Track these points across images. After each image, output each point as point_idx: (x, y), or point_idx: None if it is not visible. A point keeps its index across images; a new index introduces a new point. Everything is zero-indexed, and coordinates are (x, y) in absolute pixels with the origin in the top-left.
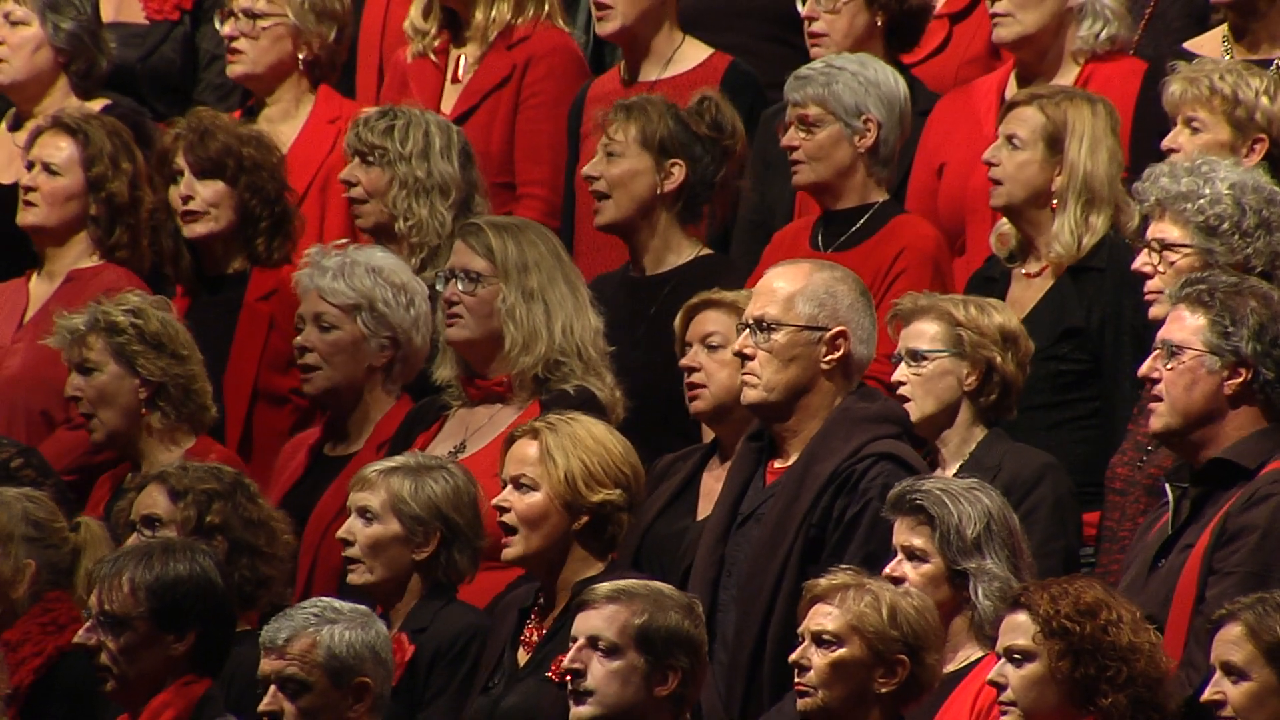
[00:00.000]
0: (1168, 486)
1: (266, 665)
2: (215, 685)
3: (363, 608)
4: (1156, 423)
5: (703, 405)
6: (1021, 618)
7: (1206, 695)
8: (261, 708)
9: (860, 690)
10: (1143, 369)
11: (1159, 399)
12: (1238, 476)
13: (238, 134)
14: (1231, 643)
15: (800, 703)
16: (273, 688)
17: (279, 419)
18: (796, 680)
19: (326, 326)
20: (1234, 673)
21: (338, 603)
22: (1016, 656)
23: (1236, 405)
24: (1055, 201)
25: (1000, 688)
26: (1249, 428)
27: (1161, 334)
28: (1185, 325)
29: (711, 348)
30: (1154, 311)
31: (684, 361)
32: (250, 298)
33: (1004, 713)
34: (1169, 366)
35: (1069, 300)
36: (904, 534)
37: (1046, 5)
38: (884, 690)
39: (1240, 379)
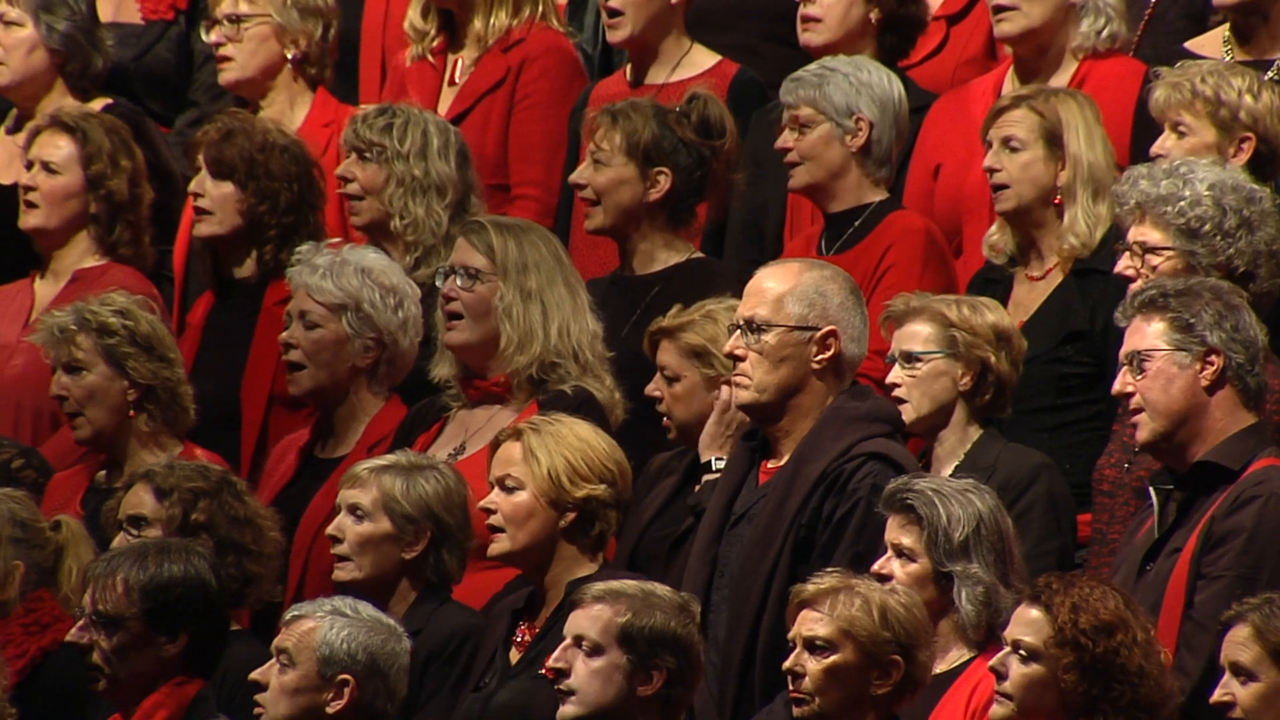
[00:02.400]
0: (1151, 490)
1: (275, 640)
2: (208, 686)
3: (390, 622)
4: (1143, 433)
5: (672, 434)
6: (1036, 614)
7: (1216, 697)
8: (253, 675)
9: (856, 694)
10: (1115, 387)
11: (1138, 410)
12: (1222, 478)
13: (264, 141)
14: (1239, 644)
15: (796, 710)
16: (272, 660)
17: (294, 423)
18: (791, 688)
19: (311, 324)
20: (1242, 673)
21: (367, 607)
22: (1023, 653)
23: (1214, 393)
24: (1059, 197)
25: (1000, 676)
26: (1230, 419)
27: (1124, 350)
28: (1145, 333)
29: (667, 380)
30: None
31: (648, 390)
32: (269, 302)
33: (999, 702)
34: (1140, 377)
35: (1073, 303)
36: (894, 531)
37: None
38: (880, 692)
39: (1214, 367)
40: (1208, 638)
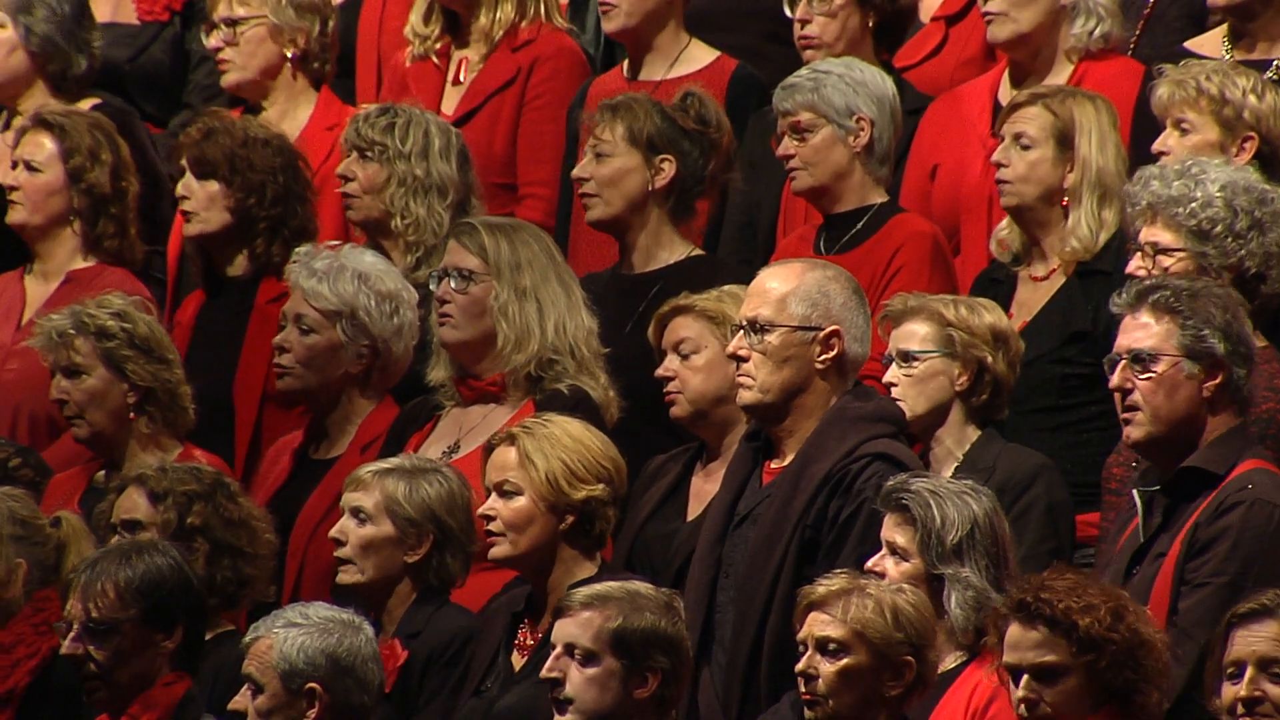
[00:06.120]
0: (1135, 493)
1: (244, 665)
2: (195, 685)
3: (345, 615)
4: (1137, 432)
5: (680, 411)
6: (1037, 633)
7: (1245, 692)
8: (231, 705)
9: (870, 695)
10: (1114, 381)
11: (1135, 408)
12: (1207, 483)
13: (246, 136)
14: (1273, 639)
15: (810, 713)
16: (245, 686)
17: (288, 421)
18: (804, 690)
19: (305, 329)
20: (1270, 670)
21: (318, 608)
22: (1049, 674)
23: (1215, 409)
24: (1066, 199)
25: (1031, 704)
26: (1221, 425)
27: (1124, 343)
28: (1153, 332)
29: (683, 355)
30: None
31: (659, 371)
32: (261, 300)
33: None
34: (1143, 376)
35: (1076, 304)
36: (890, 530)
37: (1041, 3)
38: (893, 693)
39: (1217, 380)
40: (1193, 645)
